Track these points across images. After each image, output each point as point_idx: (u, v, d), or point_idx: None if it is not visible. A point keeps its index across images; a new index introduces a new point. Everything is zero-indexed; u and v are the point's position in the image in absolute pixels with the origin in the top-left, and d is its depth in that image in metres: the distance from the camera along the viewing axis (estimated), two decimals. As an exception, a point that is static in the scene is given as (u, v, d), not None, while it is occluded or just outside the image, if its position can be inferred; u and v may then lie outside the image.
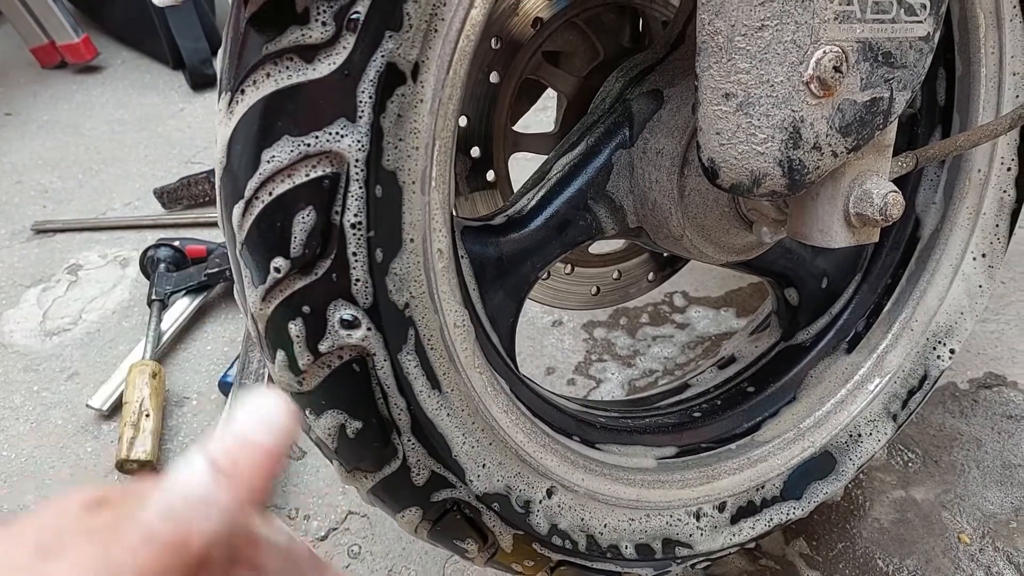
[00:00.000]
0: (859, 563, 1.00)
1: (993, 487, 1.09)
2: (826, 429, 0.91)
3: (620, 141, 0.77)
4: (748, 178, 0.62)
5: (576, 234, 0.78)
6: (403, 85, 0.57)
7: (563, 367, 1.32)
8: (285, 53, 0.55)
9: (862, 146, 0.64)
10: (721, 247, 0.79)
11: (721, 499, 0.84)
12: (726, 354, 1.03)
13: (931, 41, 0.63)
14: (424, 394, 0.64)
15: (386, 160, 0.58)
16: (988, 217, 0.93)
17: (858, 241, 0.68)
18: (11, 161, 2.07)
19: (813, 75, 0.59)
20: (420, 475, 0.66)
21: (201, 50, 2.43)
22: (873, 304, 0.97)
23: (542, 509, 0.73)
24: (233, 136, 0.58)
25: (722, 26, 0.58)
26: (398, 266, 0.60)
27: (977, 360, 1.29)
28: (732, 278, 1.49)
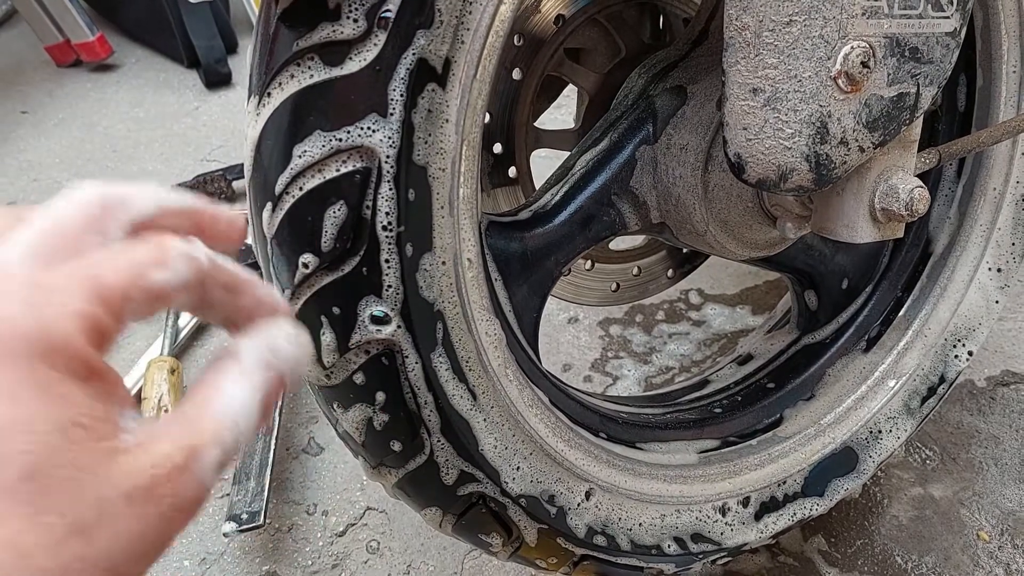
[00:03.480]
0: (878, 560, 1.00)
1: (1012, 484, 1.09)
2: (846, 425, 0.91)
3: (643, 137, 0.77)
4: (775, 173, 0.63)
5: (600, 229, 0.78)
6: (434, 81, 0.57)
7: (579, 364, 1.32)
8: (317, 49, 0.56)
9: (888, 141, 0.64)
10: (744, 243, 0.79)
11: (745, 494, 0.84)
12: (743, 352, 1.03)
13: (957, 37, 0.63)
14: (456, 395, 0.65)
15: (416, 155, 0.58)
16: (1004, 233, 0.93)
17: (883, 236, 0.68)
18: (27, 159, 2.08)
19: (841, 70, 0.59)
20: (449, 474, 0.66)
21: (216, 48, 2.44)
22: (890, 305, 0.97)
23: (579, 510, 0.74)
24: (264, 132, 0.58)
25: (750, 21, 0.58)
26: (428, 262, 0.61)
27: (995, 358, 1.29)
28: (748, 276, 1.49)
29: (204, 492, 0.30)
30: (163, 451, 0.29)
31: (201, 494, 0.30)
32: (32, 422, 0.27)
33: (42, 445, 0.26)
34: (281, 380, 0.33)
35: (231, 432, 0.31)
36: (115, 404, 0.29)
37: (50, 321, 0.28)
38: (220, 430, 0.30)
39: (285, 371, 0.33)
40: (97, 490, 0.27)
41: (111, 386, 0.30)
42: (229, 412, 0.31)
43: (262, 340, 0.34)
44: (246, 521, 1.00)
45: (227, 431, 0.30)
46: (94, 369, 0.29)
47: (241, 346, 0.33)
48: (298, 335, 0.35)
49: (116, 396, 0.30)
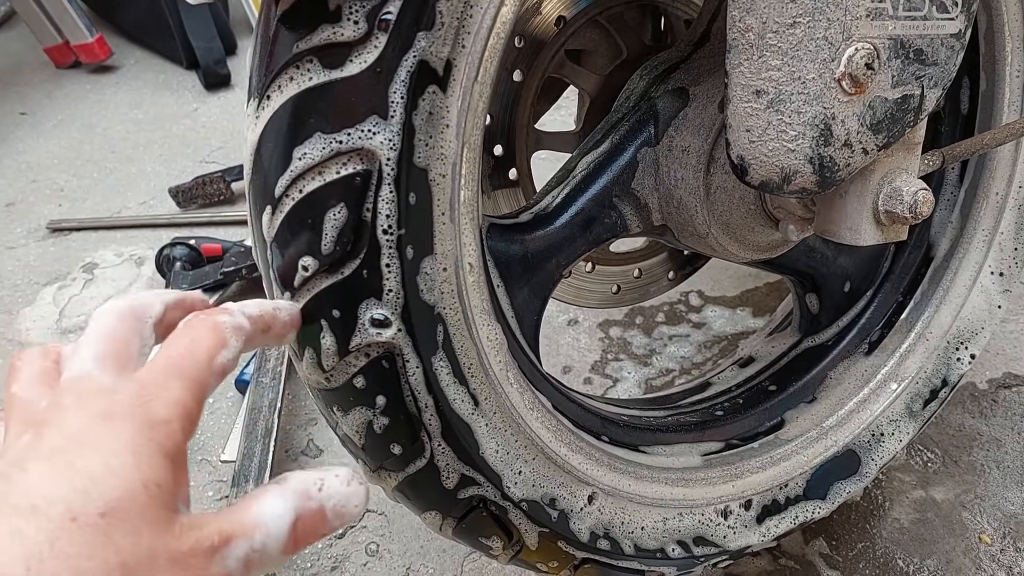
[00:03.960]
0: (879, 563, 1.00)
1: (1014, 487, 1.08)
2: (848, 428, 0.91)
3: (645, 139, 0.77)
4: (778, 175, 0.62)
5: (601, 232, 0.78)
6: (435, 83, 0.57)
7: (579, 366, 1.32)
8: (317, 51, 0.55)
9: (892, 143, 0.63)
10: (746, 245, 0.79)
11: (746, 497, 0.84)
12: (744, 354, 1.03)
13: (962, 38, 0.63)
14: (457, 399, 0.64)
15: (417, 158, 0.58)
16: (1006, 237, 0.93)
17: (887, 239, 0.68)
18: (27, 160, 2.08)
19: (845, 72, 0.58)
20: (449, 478, 0.66)
21: (215, 50, 2.44)
22: (892, 308, 0.97)
23: (582, 514, 0.74)
24: (264, 134, 0.58)
25: (753, 23, 0.58)
26: (429, 265, 0.60)
27: (996, 360, 1.28)
28: (748, 277, 1.49)
29: None
30: (207, 530, 0.35)
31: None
32: (124, 475, 0.33)
33: (125, 492, 0.32)
34: (321, 511, 0.38)
35: (260, 534, 0.36)
36: (179, 488, 0.36)
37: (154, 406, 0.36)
38: (251, 529, 0.36)
39: (327, 506, 0.39)
40: (151, 543, 0.32)
41: (181, 474, 0.36)
42: (261, 519, 0.36)
43: (313, 474, 0.39)
44: (245, 524, 1.00)
45: (257, 531, 0.36)
46: (178, 452, 0.36)
47: (291, 474, 0.39)
48: (353, 478, 0.40)
49: (181, 484, 0.36)
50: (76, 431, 0.34)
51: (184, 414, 0.37)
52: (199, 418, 0.39)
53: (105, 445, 0.33)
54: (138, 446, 0.34)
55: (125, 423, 0.35)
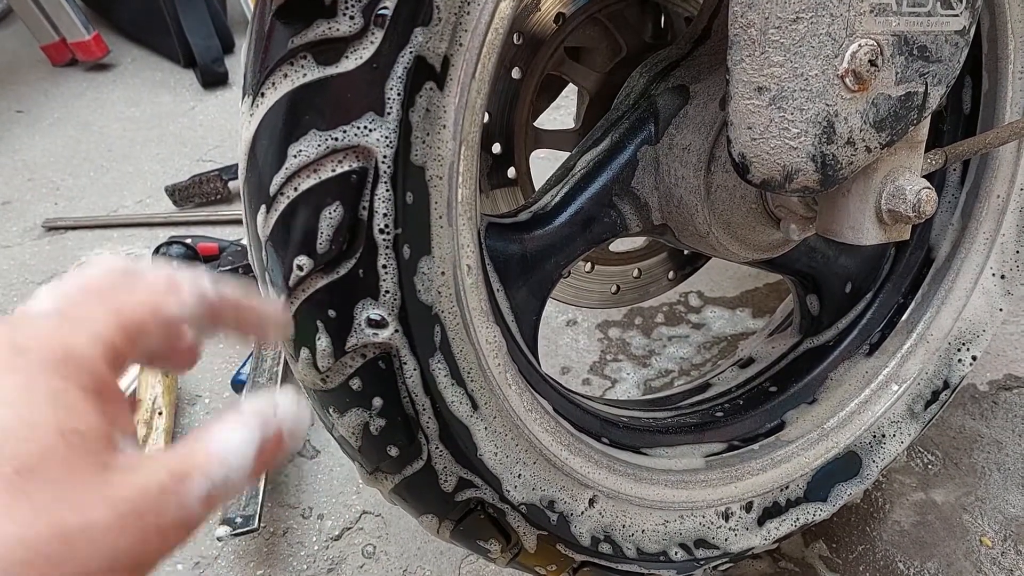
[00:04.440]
0: (879, 566, 0.99)
1: (1014, 490, 1.08)
2: (850, 430, 0.90)
3: (645, 137, 0.76)
4: (780, 173, 0.61)
5: (601, 231, 0.77)
6: (432, 79, 0.56)
7: (578, 367, 1.31)
8: (312, 47, 0.55)
9: (896, 141, 0.63)
10: (747, 244, 0.78)
11: (748, 499, 0.83)
12: (744, 355, 1.02)
13: (966, 35, 0.62)
14: (455, 401, 0.63)
15: (414, 155, 0.57)
16: (1008, 240, 0.92)
17: (889, 238, 0.67)
18: (23, 158, 2.06)
19: (848, 69, 0.58)
20: (447, 481, 0.65)
21: (213, 48, 2.43)
22: (893, 309, 0.96)
23: (583, 517, 0.73)
24: (259, 131, 0.57)
25: (755, 18, 0.57)
26: (426, 265, 0.59)
27: (997, 362, 1.28)
28: (748, 278, 1.48)
29: (188, 521, 0.31)
30: (152, 472, 0.31)
31: (185, 521, 0.31)
32: (35, 424, 0.29)
33: (39, 445, 0.28)
34: (280, 435, 0.35)
35: (221, 468, 0.32)
36: (117, 427, 0.32)
37: (72, 339, 0.32)
38: (210, 463, 0.32)
39: (284, 428, 0.35)
40: (83, 497, 0.28)
41: (117, 409, 0.32)
42: (221, 450, 0.33)
43: (264, 399, 0.36)
44: (240, 525, 0.99)
45: (217, 466, 0.32)
46: (105, 388, 0.32)
47: (243, 403, 0.36)
48: (299, 399, 0.37)
49: (120, 420, 0.32)
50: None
51: (108, 352, 0.32)
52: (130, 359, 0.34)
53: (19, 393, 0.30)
54: (56, 391, 0.30)
55: (42, 362, 0.31)
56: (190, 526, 0.31)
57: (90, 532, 0.28)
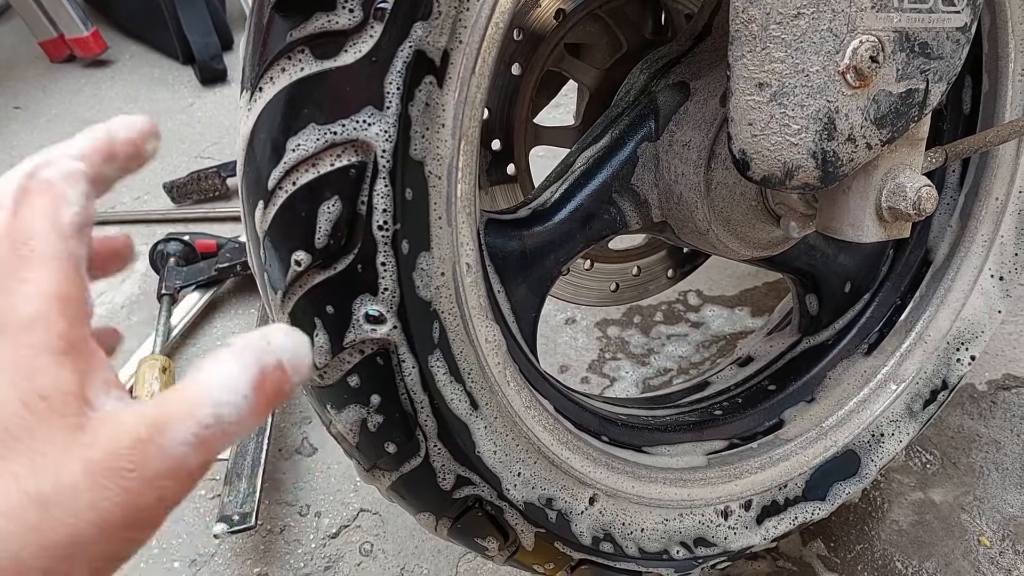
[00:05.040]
0: (877, 565, 0.99)
1: (1013, 489, 1.08)
2: (848, 428, 0.90)
3: (645, 134, 0.76)
4: (780, 170, 0.61)
5: (600, 228, 0.76)
6: (431, 74, 0.56)
7: (577, 365, 1.31)
8: (311, 40, 0.54)
9: (896, 138, 0.62)
10: (747, 242, 0.78)
11: (746, 498, 0.83)
12: (743, 353, 1.02)
13: (968, 32, 0.62)
14: (454, 399, 0.63)
15: (414, 150, 0.56)
16: (1006, 243, 0.92)
17: (889, 236, 0.67)
18: (20, 154, 2.06)
19: (849, 65, 0.57)
20: (445, 479, 0.65)
21: (211, 45, 2.42)
22: (891, 309, 0.96)
23: (583, 516, 0.73)
24: (257, 125, 0.57)
25: (757, 14, 0.57)
26: (425, 261, 0.59)
27: (996, 362, 1.28)
28: (747, 277, 1.48)
29: (179, 468, 0.29)
30: (125, 425, 0.29)
31: (175, 469, 0.29)
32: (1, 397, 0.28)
33: (5, 419, 0.28)
34: (280, 365, 0.33)
35: (210, 407, 0.30)
36: (93, 382, 0.30)
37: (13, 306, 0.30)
38: (196, 404, 0.30)
39: (284, 359, 0.33)
40: (55, 462, 0.28)
41: (89, 364, 0.31)
42: (209, 387, 0.31)
43: (256, 333, 0.34)
44: (237, 522, 0.99)
45: (205, 406, 0.30)
46: (73, 344, 0.30)
47: (233, 338, 0.33)
48: (291, 329, 0.34)
49: (95, 374, 0.31)
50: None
51: (57, 299, 0.31)
52: (82, 293, 0.33)
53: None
54: (10, 361, 0.29)
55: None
56: (185, 472, 0.30)
57: (67, 494, 0.27)
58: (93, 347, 0.32)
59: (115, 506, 0.28)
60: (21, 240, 0.32)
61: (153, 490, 0.29)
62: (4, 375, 0.29)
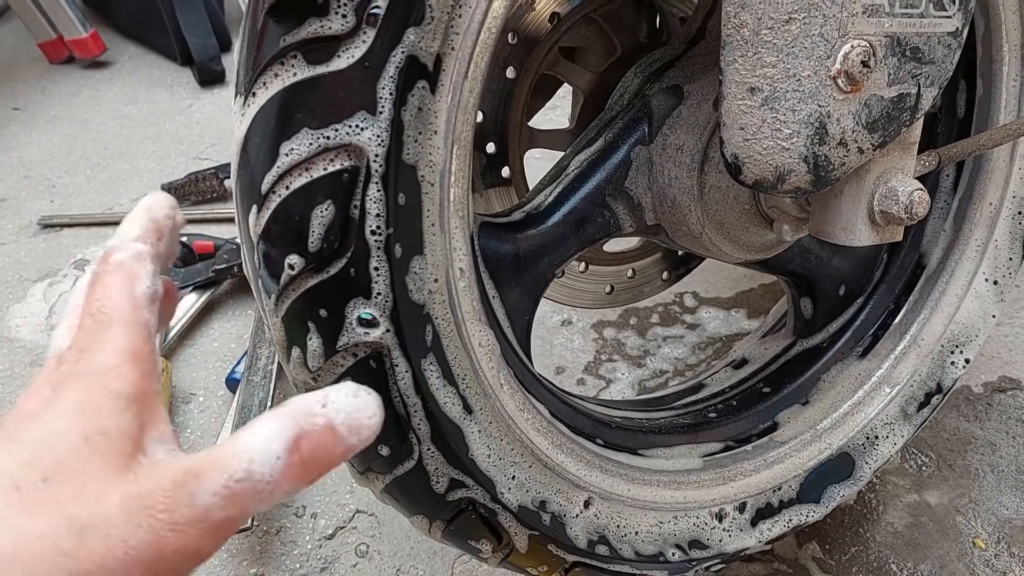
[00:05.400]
0: (873, 567, 0.99)
1: (1008, 492, 1.08)
2: (843, 431, 0.90)
3: (639, 137, 0.76)
4: (772, 174, 0.61)
5: (594, 231, 0.77)
6: (424, 78, 0.56)
7: (573, 367, 1.31)
8: (304, 45, 0.54)
9: (888, 143, 0.63)
10: (740, 245, 0.78)
11: (741, 500, 0.83)
12: (737, 356, 1.02)
13: (959, 37, 0.62)
14: (448, 402, 0.63)
15: (406, 154, 0.57)
16: (1000, 247, 0.92)
17: (882, 240, 0.67)
18: (19, 156, 2.06)
19: (841, 69, 0.58)
20: (439, 482, 0.65)
21: (210, 46, 2.42)
22: (886, 312, 0.97)
23: (578, 519, 0.73)
24: (251, 129, 0.57)
25: (748, 19, 0.57)
26: (418, 265, 0.59)
27: (991, 364, 1.28)
28: (743, 279, 1.48)
29: (205, 517, 0.31)
30: (166, 470, 0.32)
31: (200, 517, 0.31)
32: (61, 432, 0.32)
33: (64, 450, 0.31)
34: (328, 427, 0.34)
35: (241, 463, 0.32)
36: (150, 431, 0.34)
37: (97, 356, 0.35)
38: (231, 458, 0.32)
39: (336, 421, 0.34)
40: (99, 493, 0.30)
41: (150, 416, 0.35)
42: (244, 444, 0.33)
43: (315, 393, 0.36)
44: (233, 524, 0.99)
45: (236, 460, 0.32)
46: (138, 394, 0.34)
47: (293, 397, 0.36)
48: (360, 389, 0.36)
49: (154, 425, 0.35)
50: (34, 406, 0.34)
51: (131, 355, 0.36)
52: (153, 355, 0.38)
53: (54, 411, 0.33)
54: (83, 401, 0.33)
55: (73, 384, 0.34)
56: (210, 523, 0.31)
57: (102, 525, 0.29)
58: (157, 403, 0.36)
59: (142, 544, 0.30)
60: (101, 311, 0.38)
61: (177, 536, 0.31)
62: (73, 413, 0.32)
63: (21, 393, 0.36)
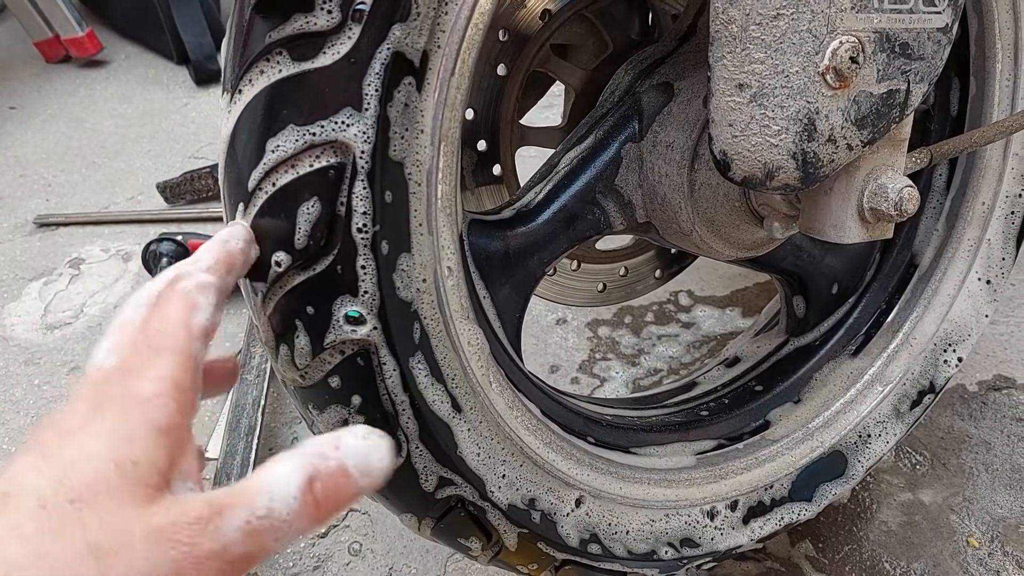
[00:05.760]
0: (866, 566, 0.99)
1: (1002, 490, 1.07)
2: (835, 429, 0.90)
3: (629, 134, 0.76)
4: (761, 171, 0.61)
5: (584, 228, 0.76)
6: (410, 75, 0.56)
7: (567, 365, 1.31)
8: (290, 41, 0.54)
9: (878, 139, 0.62)
10: (731, 243, 0.78)
11: (733, 498, 0.83)
12: (730, 354, 1.02)
13: (949, 33, 0.62)
14: (436, 400, 0.63)
15: (393, 151, 0.56)
16: (994, 246, 0.92)
17: (871, 237, 0.67)
18: (15, 154, 2.06)
19: (829, 66, 0.57)
20: (428, 480, 0.65)
21: (205, 45, 2.42)
22: (878, 311, 0.96)
23: (569, 517, 0.73)
24: (237, 126, 0.57)
25: (736, 15, 0.57)
26: (405, 262, 0.59)
27: (986, 362, 1.28)
28: (738, 277, 1.48)
29: (225, 551, 0.32)
30: (192, 504, 0.33)
31: (221, 552, 0.32)
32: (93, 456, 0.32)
33: (94, 475, 0.31)
34: (342, 471, 0.36)
35: (262, 501, 0.33)
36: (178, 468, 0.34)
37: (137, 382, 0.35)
38: (254, 495, 0.34)
39: (349, 464, 0.36)
40: (123, 522, 0.31)
41: (181, 451, 0.35)
42: (264, 483, 0.34)
43: (328, 435, 0.37)
44: (226, 523, 0.99)
45: (257, 497, 0.33)
46: (173, 426, 0.35)
47: (307, 440, 0.37)
48: (371, 432, 0.38)
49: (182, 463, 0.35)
50: (72, 424, 0.34)
51: (173, 387, 0.36)
52: (195, 389, 0.38)
53: (89, 432, 0.33)
54: (119, 427, 0.33)
55: (112, 406, 0.34)
56: (229, 558, 0.32)
57: (124, 554, 0.30)
58: (189, 438, 0.36)
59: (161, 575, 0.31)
60: (157, 334, 0.38)
61: (197, 570, 0.31)
62: (108, 438, 0.33)
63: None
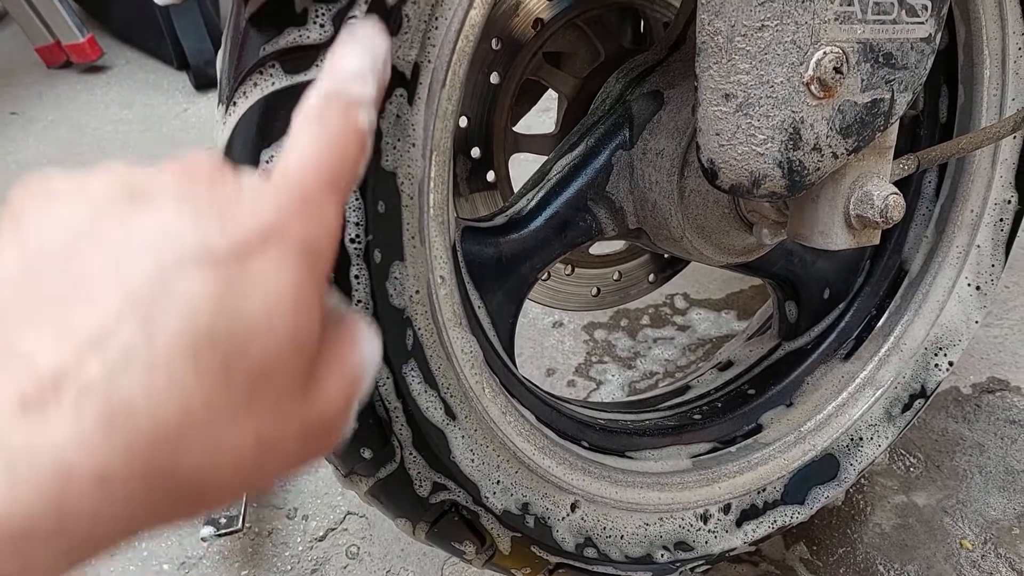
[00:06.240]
0: (860, 568, 1.00)
1: (996, 493, 1.08)
2: (827, 432, 0.91)
3: (620, 142, 0.77)
4: (748, 179, 0.62)
5: (576, 235, 0.77)
6: (402, 86, 0.57)
7: (563, 368, 1.32)
8: (283, 54, 0.55)
9: (863, 148, 0.63)
10: (721, 249, 0.78)
11: (726, 501, 0.84)
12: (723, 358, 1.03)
13: (932, 42, 0.63)
14: (430, 407, 0.64)
15: (385, 161, 0.57)
16: (983, 253, 0.93)
17: (859, 243, 0.68)
18: (16, 160, 2.07)
19: (813, 76, 0.58)
20: (422, 486, 0.66)
21: (205, 51, 2.43)
22: (869, 315, 0.97)
23: (564, 523, 0.74)
24: (232, 137, 0.58)
25: (722, 26, 0.58)
26: (398, 270, 0.60)
27: (980, 365, 1.28)
28: (734, 280, 1.49)
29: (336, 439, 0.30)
30: (334, 394, 0.29)
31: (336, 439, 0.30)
32: (275, 327, 0.26)
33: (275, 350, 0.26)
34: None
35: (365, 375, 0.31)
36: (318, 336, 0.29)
37: (316, 227, 0.28)
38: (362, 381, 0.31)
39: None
40: (286, 413, 0.27)
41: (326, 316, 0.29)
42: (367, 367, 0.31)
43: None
44: (224, 525, 1.00)
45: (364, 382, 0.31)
46: (326, 292, 0.29)
47: None
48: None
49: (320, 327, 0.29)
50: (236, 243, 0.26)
51: (335, 241, 0.29)
52: None
53: (267, 279, 0.26)
54: (296, 286, 0.27)
55: (285, 248, 0.27)
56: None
57: (279, 446, 0.27)
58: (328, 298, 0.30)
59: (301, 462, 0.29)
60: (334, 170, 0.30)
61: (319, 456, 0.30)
62: (289, 301, 0.27)
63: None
